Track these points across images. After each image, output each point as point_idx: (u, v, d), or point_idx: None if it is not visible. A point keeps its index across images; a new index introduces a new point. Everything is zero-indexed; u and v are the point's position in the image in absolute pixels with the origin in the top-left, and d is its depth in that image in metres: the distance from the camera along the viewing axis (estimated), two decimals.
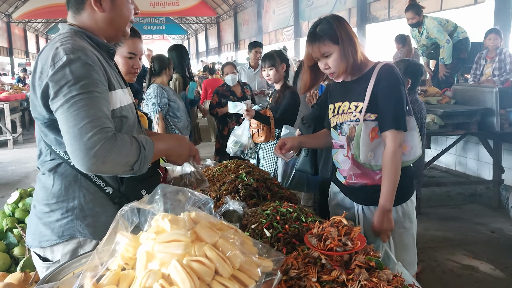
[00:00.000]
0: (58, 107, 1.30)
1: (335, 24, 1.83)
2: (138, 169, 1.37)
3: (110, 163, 1.30)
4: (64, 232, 1.47)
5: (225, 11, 24.74)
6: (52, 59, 1.32)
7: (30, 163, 7.68)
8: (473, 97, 4.73)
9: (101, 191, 1.49)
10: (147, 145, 1.40)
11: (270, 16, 18.69)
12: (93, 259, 1.10)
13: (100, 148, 1.26)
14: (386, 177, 1.84)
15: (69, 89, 1.29)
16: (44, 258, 1.53)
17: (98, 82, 1.35)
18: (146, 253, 1.06)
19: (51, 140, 1.46)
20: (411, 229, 2.01)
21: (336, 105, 2.00)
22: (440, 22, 5.81)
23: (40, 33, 31.61)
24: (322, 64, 1.88)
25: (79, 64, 1.32)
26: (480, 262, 3.60)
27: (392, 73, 1.85)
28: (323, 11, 13.74)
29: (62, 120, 1.30)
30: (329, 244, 1.22)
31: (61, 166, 1.47)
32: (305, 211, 1.76)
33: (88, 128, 1.27)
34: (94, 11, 1.47)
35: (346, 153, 1.96)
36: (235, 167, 2.59)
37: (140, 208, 1.21)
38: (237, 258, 1.06)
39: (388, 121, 1.83)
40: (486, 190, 5.51)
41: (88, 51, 1.37)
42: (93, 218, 1.47)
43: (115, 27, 1.53)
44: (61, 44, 1.35)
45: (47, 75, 1.32)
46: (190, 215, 1.17)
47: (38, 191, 1.55)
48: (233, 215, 1.81)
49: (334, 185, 2.14)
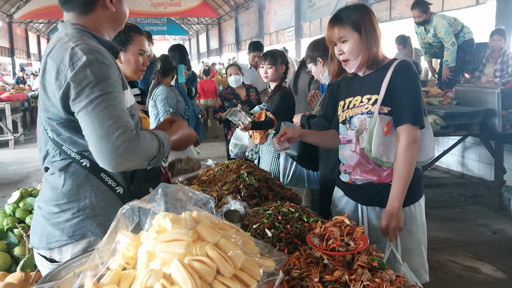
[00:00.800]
0: (82, 108, 1.32)
1: (361, 12, 1.81)
2: (155, 163, 1.42)
3: (134, 161, 1.35)
4: (75, 232, 1.47)
5: (227, 12, 24.76)
6: (70, 59, 1.34)
7: (31, 163, 7.68)
8: (475, 98, 4.72)
9: (111, 191, 1.50)
10: (166, 142, 1.46)
11: (272, 17, 18.71)
12: (94, 258, 1.09)
13: (126, 148, 1.31)
14: (398, 173, 1.78)
15: (91, 90, 1.31)
16: (50, 259, 1.52)
17: (115, 82, 1.38)
18: (147, 253, 1.06)
19: (64, 139, 1.45)
20: (417, 233, 1.93)
21: (347, 100, 1.96)
22: (449, 21, 5.65)
23: (41, 34, 31.65)
24: (337, 49, 1.86)
25: (99, 65, 1.34)
26: (482, 263, 3.58)
27: (411, 68, 1.81)
28: (325, 12, 13.76)
29: (87, 121, 1.32)
30: (332, 244, 1.21)
31: (71, 165, 1.48)
32: (307, 211, 1.75)
33: (114, 128, 1.30)
34: (104, 11, 1.51)
35: (353, 148, 1.90)
36: (237, 167, 2.59)
37: (141, 207, 1.20)
38: (239, 258, 1.06)
39: (405, 115, 1.77)
40: (487, 191, 5.49)
41: (103, 51, 1.40)
42: (104, 217, 1.48)
43: (118, 25, 1.59)
44: (75, 44, 1.37)
45: (65, 76, 1.33)
46: (192, 214, 1.16)
47: (46, 191, 1.54)
48: (235, 215, 1.80)
49: (338, 189, 2.09)
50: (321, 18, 14.22)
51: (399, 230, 1.79)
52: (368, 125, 1.82)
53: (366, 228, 1.89)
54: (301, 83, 4.20)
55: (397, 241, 1.80)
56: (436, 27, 5.68)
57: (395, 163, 1.79)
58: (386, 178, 1.85)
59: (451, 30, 5.64)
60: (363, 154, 1.86)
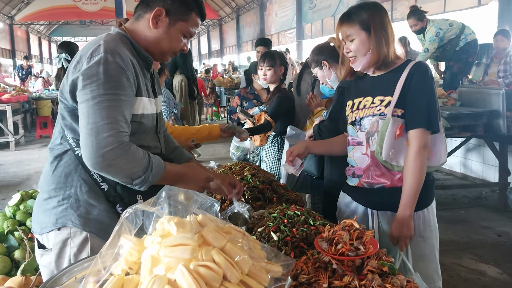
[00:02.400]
0: (84, 100, 1.36)
1: (372, 12, 1.77)
2: (138, 184, 1.40)
3: (115, 168, 1.35)
4: (58, 219, 1.50)
5: (228, 14, 24.77)
6: (91, 53, 1.40)
7: (31, 165, 7.65)
8: (479, 99, 4.69)
9: (96, 186, 1.51)
10: (157, 168, 1.43)
11: (273, 19, 18.71)
12: (96, 263, 1.06)
13: (111, 150, 1.33)
14: (408, 179, 1.72)
15: (98, 86, 1.35)
16: (41, 245, 1.57)
17: (127, 86, 1.41)
18: (151, 258, 1.02)
19: (67, 124, 1.51)
20: (430, 238, 1.86)
21: (356, 100, 1.90)
22: (440, 30, 5.61)
23: (42, 35, 31.68)
24: (345, 47, 1.83)
25: (114, 66, 1.38)
26: (488, 266, 3.55)
27: (427, 71, 1.76)
28: (326, 13, 13.75)
29: (84, 114, 1.36)
30: (341, 248, 1.17)
31: (67, 153, 1.52)
32: (313, 214, 1.71)
33: (106, 128, 1.33)
34: (148, 25, 1.54)
35: (364, 150, 1.84)
36: (240, 169, 2.55)
37: (144, 211, 1.17)
38: (246, 263, 1.02)
39: (419, 118, 1.72)
40: (491, 193, 5.46)
41: (125, 55, 1.43)
42: (86, 210, 1.50)
43: (159, 49, 1.59)
44: (104, 42, 1.43)
45: (81, 66, 1.39)
46: (197, 218, 1.13)
47: (42, 178, 1.61)
48: (239, 218, 1.77)
49: (345, 194, 2.02)
50: (322, 20, 14.20)
51: (410, 238, 1.74)
52: (379, 127, 1.76)
53: (376, 233, 1.83)
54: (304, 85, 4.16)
55: (407, 250, 1.74)
56: (426, 34, 5.72)
57: (405, 168, 1.74)
58: (398, 181, 1.79)
59: (435, 39, 5.63)
60: (373, 156, 1.80)
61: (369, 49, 1.77)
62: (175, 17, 1.55)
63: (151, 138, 1.63)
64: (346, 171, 1.97)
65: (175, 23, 1.55)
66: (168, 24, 1.54)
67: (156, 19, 1.53)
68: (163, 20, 1.53)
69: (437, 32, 5.62)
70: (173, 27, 1.55)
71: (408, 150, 1.74)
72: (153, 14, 1.52)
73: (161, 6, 1.52)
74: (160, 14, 1.53)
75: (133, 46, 1.53)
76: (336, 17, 13.06)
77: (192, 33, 1.62)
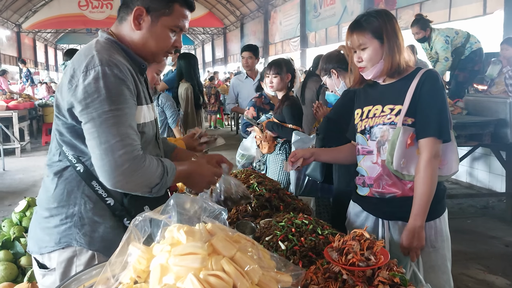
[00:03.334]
0: (89, 120, 1.32)
1: (383, 19, 1.74)
2: (156, 192, 1.39)
3: (134, 182, 1.33)
4: (61, 239, 1.44)
5: (232, 22, 24.88)
6: (86, 66, 1.33)
7: (37, 171, 7.67)
8: (486, 108, 4.66)
9: (102, 201, 1.46)
10: (170, 171, 1.42)
11: (277, 27, 18.77)
12: (105, 271, 1.05)
13: (129, 167, 1.30)
14: (419, 189, 1.69)
15: (101, 104, 1.31)
16: (41, 264, 1.51)
17: (129, 98, 1.37)
18: (160, 266, 1.02)
19: (65, 140, 1.45)
20: (442, 249, 1.83)
21: (365, 109, 1.88)
22: (448, 37, 5.62)
23: (49, 43, 31.93)
24: (356, 56, 1.80)
25: (113, 79, 1.33)
26: (496, 277, 3.50)
27: (438, 79, 1.74)
28: (330, 22, 13.78)
29: (93, 134, 1.31)
30: (351, 258, 1.16)
31: (67, 170, 1.46)
32: (321, 223, 1.70)
33: (119, 146, 1.30)
34: (131, 27, 1.47)
35: (375, 159, 1.81)
36: (245, 177, 2.54)
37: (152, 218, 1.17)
38: (256, 272, 1.01)
39: (430, 127, 1.69)
40: (498, 202, 5.41)
41: (122, 64, 1.38)
42: (91, 228, 1.45)
43: (148, 50, 1.52)
44: (97, 52, 1.37)
45: (77, 80, 1.33)
46: (206, 226, 1.12)
47: (41, 194, 1.54)
48: (246, 227, 1.75)
49: (355, 204, 1.99)
50: (326, 28, 14.23)
51: (421, 249, 1.71)
52: (390, 136, 1.74)
53: (387, 243, 1.80)
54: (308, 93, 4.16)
55: (418, 260, 1.72)
56: (434, 43, 5.70)
57: (416, 178, 1.71)
58: (410, 191, 1.76)
59: (448, 46, 5.62)
60: (384, 166, 1.78)
61: (381, 58, 1.75)
62: (157, 13, 1.45)
63: (152, 146, 1.59)
64: (356, 180, 1.95)
65: (158, 19, 1.45)
66: (151, 22, 1.45)
67: (137, 19, 1.44)
68: (145, 19, 1.45)
69: (445, 40, 5.61)
70: (157, 25, 1.46)
71: (419, 159, 1.71)
72: (133, 15, 1.43)
73: (140, 5, 1.43)
74: (141, 13, 1.44)
75: (125, 51, 1.46)
76: (341, 25, 13.09)
77: (180, 26, 1.50)
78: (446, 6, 8.72)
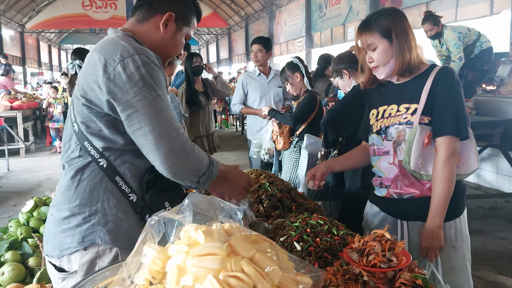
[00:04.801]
0: (139, 107, 1.30)
1: (392, 18, 1.71)
2: (204, 182, 1.39)
3: (186, 166, 1.35)
4: (85, 238, 1.40)
5: (237, 22, 24.87)
6: (121, 54, 1.33)
7: (42, 171, 7.67)
8: (495, 108, 4.63)
9: (124, 197, 1.43)
10: (215, 164, 1.44)
11: (282, 27, 18.74)
12: (122, 272, 1.03)
13: (183, 149, 1.33)
14: (437, 188, 1.67)
15: (148, 90, 1.31)
16: (59, 268, 1.46)
17: (164, 86, 1.39)
18: (177, 267, 0.99)
19: (93, 132, 1.40)
20: (462, 249, 1.81)
21: (380, 109, 1.85)
22: (460, 34, 5.56)
23: (52, 43, 32.00)
24: (368, 56, 1.78)
25: (151, 66, 1.35)
26: (506, 278, 3.46)
27: (453, 75, 1.71)
28: (335, 22, 13.74)
29: (144, 121, 1.31)
30: (373, 260, 1.13)
31: (89, 166, 1.43)
32: (336, 224, 1.67)
33: (172, 129, 1.32)
34: (156, 28, 1.50)
35: (392, 160, 1.79)
36: (255, 177, 2.51)
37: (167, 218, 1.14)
38: (276, 274, 0.99)
39: (447, 125, 1.66)
40: (506, 203, 5.36)
41: (151, 53, 1.39)
42: (115, 225, 1.42)
43: (163, 52, 1.54)
44: (125, 42, 1.37)
45: (114, 69, 1.31)
46: (224, 226, 1.10)
47: (58, 194, 1.49)
48: (259, 227, 1.72)
49: (373, 205, 1.96)
50: (331, 29, 14.19)
51: (440, 249, 1.69)
52: (407, 136, 1.71)
53: (406, 244, 1.77)
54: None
55: (437, 261, 1.69)
56: (447, 40, 5.62)
57: (434, 177, 1.68)
58: (428, 191, 1.73)
59: (460, 44, 5.55)
60: (401, 166, 1.75)
61: (392, 57, 1.72)
62: (182, 22, 1.53)
63: None
64: (373, 181, 1.92)
65: (181, 27, 1.54)
66: (176, 29, 1.52)
67: (165, 23, 1.50)
68: (171, 24, 1.51)
69: (458, 36, 5.54)
70: (180, 32, 1.54)
71: (436, 158, 1.69)
72: (164, 19, 1.49)
73: (171, 11, 1.49)
74: (170, 18, 1.50)
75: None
76: (346, 25, 13.05)
77: (190, 36, 1.61)
78: (453, 6, 8.67)
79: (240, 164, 7.34)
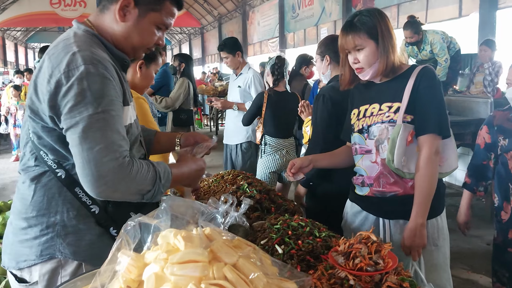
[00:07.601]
0: (72, 125, 1.19)
1: (377, 18, 1.70)
2: (150, 198, 1.29)
3: (121, 192, 1.22)
4: (43, 251, 1.31)
5: (210, 22, 24.70)
6: (67, 65, 1.20)
7: (7, 174, 7.38)
8: (467, 108, 4.72)
9: (86, 209, 1.34)
10: (165, 176, 1.32)
11: (255, 28, 18.72)
12: (95, 281, 0.96)
13: (113, 176, 1.19)
14: (420, 186, 1.67)
15: (86, 107, 1.18)
16: (20, 279, 1.37)
17: (115, 99, 1.25)
18: (155, 275, 0.92)
19: (45, 144, 1.31)
20: (444, 247, 1.82)
21: (362, 108, 1.85)
22: (442, 36, 5.56)
23: (19, 42, 31.00)
24: (352, 57, 1.76)
25: (98, 78, 1.20)
26: (480, 276, 3.52)
27: (435, 75, 1.73)
28: (308, 23, 13.82)
29: (75, 141, 1.19)
30: (359, 263, 1.09)
31: (45, 175, 1.33)
32: (318, 225, 1.63)
33: (103, 153, 1.19)
34: (115, 18, 1.35)
35: (374, 159, 1.78)
36: (232, 178, 2.46)
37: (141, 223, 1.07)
38: (260, 280, 0.94)
39: (429, 124, 1.68)
40: (477, 201, 5.46)
41: (107, 62, 1.26)
42: (76, 237, 1.33)
43: (129, 45, 1.41)
44: (78, 49, 1.23)
45: (56, 82, 1.20)
46: (205, 231, 1.04)
47: (16, 202, 1.40)
48: (238, 230, 1.66)
49: (353, 204, 1.94)
50: (305, 29, 14.26)
51: (423, 248, 1.68)
52: (389, 134, 1.71)
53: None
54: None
55: (420, 259, 1.68)
56: (432, 43, 5.58)
57: (417, 175, 1.69)
58: (411, 189, 1.73)
59: (445, 46, 5.59)
60: (384, 164, 1.74)
61: (378, 58, 1.71)
62: (146, 7, 1.35)
63: (137, 147, 1.49)
64: (354, 180, 1.91)
65: (145, 14, 1.35)
66: (138, 16, 1.35)
67: (123, 10, 1.33)
68: (132, 11, 1.34)
69: (442, 38, 5.54)
70: (144, 19, 1.36)
71: (419, 157, 1.69)
72: (119, 5, 1.32)
73: None
74: (128, 4, 1.33)
75: (106, 46, 1.35)
76: (319, 26, 13.13)
77: (167, 24, 1.42)
78: (423, 8, 8.83)
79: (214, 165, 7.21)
